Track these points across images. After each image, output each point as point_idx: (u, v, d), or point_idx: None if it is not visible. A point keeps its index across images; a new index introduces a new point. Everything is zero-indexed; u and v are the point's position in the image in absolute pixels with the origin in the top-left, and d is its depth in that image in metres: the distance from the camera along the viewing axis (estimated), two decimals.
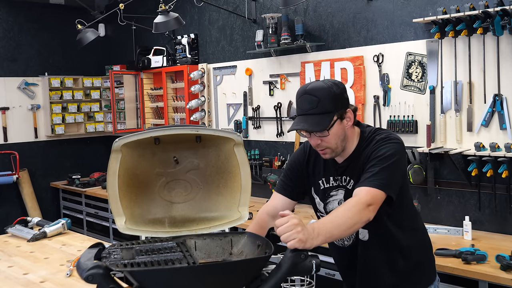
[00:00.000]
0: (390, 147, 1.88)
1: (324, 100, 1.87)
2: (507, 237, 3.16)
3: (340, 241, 2.07)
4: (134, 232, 1.82)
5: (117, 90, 6.12)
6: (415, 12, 3.55)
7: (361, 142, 1.97)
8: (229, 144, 1.85)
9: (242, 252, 1.80)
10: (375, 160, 1.86)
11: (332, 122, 1.87)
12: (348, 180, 1.98)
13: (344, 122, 1.92)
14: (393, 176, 1.86)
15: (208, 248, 1.84)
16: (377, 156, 1.87)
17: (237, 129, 4.90)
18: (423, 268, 2.08)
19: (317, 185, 2.07)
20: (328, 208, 2.04)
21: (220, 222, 1.91)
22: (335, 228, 1.68)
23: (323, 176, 2.05)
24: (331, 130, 1.88)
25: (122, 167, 1.77)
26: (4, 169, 5.90)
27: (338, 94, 1.89)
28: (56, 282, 2.35)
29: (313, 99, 1.87)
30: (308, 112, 1.88)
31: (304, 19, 4.24)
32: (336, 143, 1.92)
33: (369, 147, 1.92)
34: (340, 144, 1.93)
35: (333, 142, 1.91)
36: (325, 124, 1.87)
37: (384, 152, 1.87)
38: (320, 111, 1.87)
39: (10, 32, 6.03)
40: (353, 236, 2.01)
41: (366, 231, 1.98)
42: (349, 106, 1.94)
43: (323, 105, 1.87)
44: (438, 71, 3.43)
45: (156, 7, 4.23)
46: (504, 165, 3.06)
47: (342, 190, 2.01)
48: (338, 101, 1.89)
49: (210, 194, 1.93)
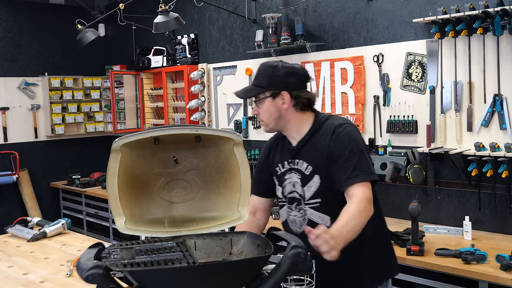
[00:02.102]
0: (352, 135, 2.01)
1: (262, 76, 2.06)
2: (507, 237, 3.16)
3: (295, 227, 2.13)
4: (134, 232, 1.82)
5: (117, 90, 6.12)
6: (415, 12, 3.55)
7: (314, 126, 2.08)
8: (228, 144, 1.85)
9: (242, 251, 1.80)
10: (347, 154, 1.97)
11: (262, 96, 2.04)
12: (301, 163, 2.07)
13: (278, 102, 2.04)
14: (368, 162, 2.00)
15: (208, 248, 1.84)
16: (347, 149, 1.98)
17: (237, 129, 4.90)
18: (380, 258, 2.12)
19: (275, 172, 2.19)
20: (285, 191, 2.14)
21: (220, 222, 1.91)
22: (350, 232, 1.81)
23: (280, 162, 2.17)
24: (262, 104, 2.05)
25: (121, 167, 1.77)
26: (4, 169, 5.89)
27: (278, 75, 2.03)
28: (56, 282, 2.35)
29: (257, 72, 2.09)
30: (252, 83, 2.11)
31: (304, 19, 4.24)
32: (268, 119, 2.07)
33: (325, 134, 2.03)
34: (272, 122, 2.07)
35: (264, 116, 2.07)
36: (251, 94, 2.09)
37: (350, 143, 1.99)
38: (256, 83, 2.08)
39: (10, 32, 6.03)
40: (304, 223, 2.08)
41: (328, 218, 2.04)
42: (287, 89, 2.03)
43: (259, 79, 2.07)
44: (438, 71, 3.43)
45: (156, 7, 4.23)
46: (504, 165, 3.06)
47: (295, 173, 2.09)
48: (275, 80, 2.03)
49: (210, 194, 1.93)
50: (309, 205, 2.07)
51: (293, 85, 2.04)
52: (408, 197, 3.61)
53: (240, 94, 2.12)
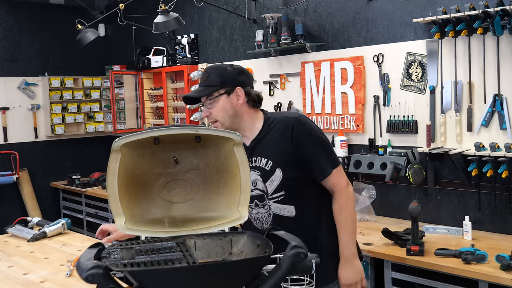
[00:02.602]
0: (312, 127, 2.13)
1: (212, 76, 2.10)
2: (507, 237, 3.16)
3: (259, 224, 2.18)
4: (134, 232, 1.82)
5: (117, 90, 6.12)
6: (415, 12, 3.55)
7: (265, 123, 2.15)
8: (228, 144, 1.85)
9: (242, 251, 1.80)
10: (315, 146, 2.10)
11: (217, 94, 2.07)
12: (260, 160, 2.12)
13: (233, 98, 2.10)
14: (332, 148, 2.19)
15: (208, 248, 1.84)
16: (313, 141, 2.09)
17: None
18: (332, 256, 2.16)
19: None
20: None
21: (220, 222, 1.91)
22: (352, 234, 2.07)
23: None
24: (217, 103, 2.09)
25: (121, 167, 1.77)
26: (4, 169, 5.90)
27: (229, 72, 2.10)
28: (56, 282, 2.35)
29: (204, 75, 2.12)
30: (200, 85, 2.13)
31: (304, 19, 4.24)
32: (223, 116, 2.10)
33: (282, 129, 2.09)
34: (228, 119, 2.11)
35: (219, 115, 2.10)
36: (206, 92, 2.09)
37: (314, 135, 2.11)
38: (208, 84, 2.10)
39: (10, 32, 6.03)
40: (270, 218, 2.14)
41: (292, 207, 2.11)
42: (241, 86, 2.10)
43: (210, 79, 2.10)
44: (438, 71, 3.43)
45: (156, 7, 4.23)
46: (504, 165, 3.06)
47: (254, 171, 2.13)
48: (225, 77, 2.09)
49: (210, 194, 1.92)
50: (273, 199, 2.13)
51: (244, 83, 2.13)
52: (408, 197, 3.61)
53: (193, 95, 2.14)
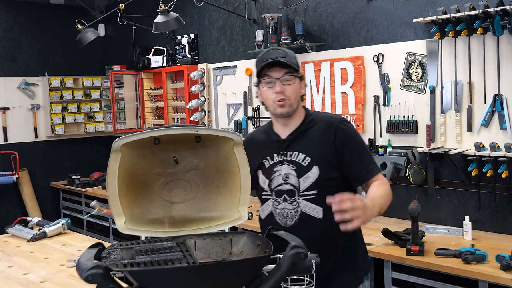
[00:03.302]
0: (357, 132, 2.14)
1: (291, 56, 2.06)
2: (507, 237, 3.16)
3: (283, 220, 2.11)
4: (134, 232, 1.82)
5: (117, 90, 6.12)
6: (415, 12, 3.55)
7: (306, 119, 2.12)
8: (228, 144, 1.85)
9: (242, 251, 1.80)
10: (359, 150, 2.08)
11: (296, 74, 2.04)
12: (296, 155, 2.08)
13: (302, 85, 2.09)
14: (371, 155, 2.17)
15: (208, 248, 1.84)
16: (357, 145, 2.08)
17: (237, 129, 4.90)
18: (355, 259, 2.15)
19: (261, 165, 2.16)
20: (272, 184, 2.12)
21: (220, 222, 1.91)
22: (384, 202, 1.94)
23: (267, 155, 2.14)
24: (294, 83, 2.05)
25: (121, 167, 1.77)
26: (4, 169, 5.89)
27: (298, 61, 2.09)
28: (56, 282, 2.35)
29: (281, 52, 2.05)
30: (278, 58, 2.02)
31: (304, 19, 4.24)
32: (295, 98, 2.06)
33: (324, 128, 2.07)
34: (295, 102, 2.07)
35: (293, 95, 2.05)
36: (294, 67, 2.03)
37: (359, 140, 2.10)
38: (290, 60, 2.03)
39: (10, 32, 6.03)
40: (296, 216, 2.07)
41: (321, 209, 2.05)
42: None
43: (291, 58, 2.04)
44: (438, 71, 3.43)
45: (156, 7, 4.23)
46: (504, 165, 3.06)
47: (288, 164, 2.08)
48: (299, 65, 2.08)
49: (210, 194, 1.93)
50: (304, 196, 2.06)
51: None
52: (408, 197, 3.61)
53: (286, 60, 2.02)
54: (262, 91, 2.10)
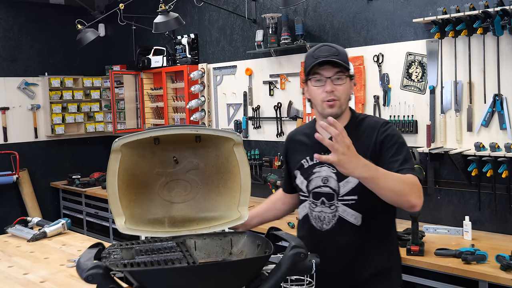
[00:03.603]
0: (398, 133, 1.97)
1: (343, 54, 1.96)
2: (507, 237, 3.16)
3: (319, 223, 2.01)
4: (134, 232, 1.82)
5: (117, 90, 6.12)
6: (415, 12, 3.55)
7: (351, 121, 2.02)
8: (228, 144, 1.85)
9: (242, 251, 1.80)
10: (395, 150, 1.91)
11: (347, 74, 1.94)
12: None
13: (352, 85, 1.99)
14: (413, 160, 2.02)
15: (208, 248, 1.84)
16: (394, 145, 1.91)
17: (237, 129, 4.90)
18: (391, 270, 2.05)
19: (299, 165, 2.08)
20: (311, 186, 2.03)
21: (220, 222, 1.91)
22: (386, 178, 1.72)
23: (307, 155, 2.06)
24: (345, 82, 1.94)
25: (122, 167, 1.77)
26: (4, 169, 5.90)
27: (348, 59, 1.99)
28: (56, 282, 2.35)
29: (333, 49, 1.95)
30: (330, 57, 1.93)
31: (304, 19, 4.24)
32: (345, 98, 1.96)
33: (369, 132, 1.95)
34: (345, 102, 1.98)
35: (343, 95, 1.95)
36: (346, 66, 1.93)
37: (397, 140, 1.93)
38: (341, 59, 1.93)
39: (10, 32, 6.03)
40: (334, 220, 1.97)
41: (360, 216, 1.94)
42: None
43: (342, 57, 1.94)
44: (438, 71, 3.43)
45: (156, 7, 4.23)
46: (504, 165, 3.06)
47: (328, 167, 1.98)
48: (349, 64, 1.98)
49: (210, 194, 1.93)
50: (343, 201, 1.95)
51: None
52: None
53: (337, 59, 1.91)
54: (311, 89, 1.99)
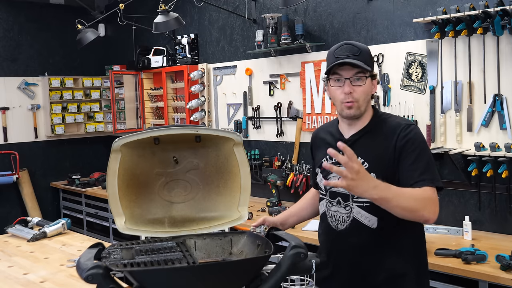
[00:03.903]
0: (421, 138, 1.90)
1: (365, 53, 1.93)
2: (507, 237, 3.16)
3: (335, 223, 1.99)
4: (134, 232, 1.82)
5: (117, 90, 6.12)
6: (415, 12, 3.55)
7: (372, 120, 1.98)
8: (228, 144, 1.85)
9: (242, 251, 1.80)
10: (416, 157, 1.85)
11: (367, 75, 1.91)
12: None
13: (373, 84, 1.97)
14: (435, 167, 1.90)
15: (208, 248, 1.84)
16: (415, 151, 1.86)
17: (237, 129, 4.90)
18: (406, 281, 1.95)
19: (320, 163, 2.05)
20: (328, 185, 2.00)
21: (220, 222, 1.91)
22: (398, 197, 1.72)
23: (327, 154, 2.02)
24: (365, 83, 1.92)
25: (122, 167, 1.78)
26: (4, 169, 5.90)
27: (372, 58, 1.97)
28: (56, 282, 2.35)
29: (354, 49, 1.91)
30: (350, 57, 1.90)
31: (304, 19, 4.24)
32: (364, 99, 1.93)
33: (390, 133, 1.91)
34: (364, 104, 1.94)
35: (362, 96, 1.92)
36: (366, 67, 1.90)
37: (419, 145, 1.87)
38: (361, 59, 1.90)
39: (10, 32, 6.03)
40: (348, 222, 1.95)
41: (375, 219, 1.90)
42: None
43: (363, 56, 1.91)
44: (438, 71, 3.43)
45: (156, 7, 4.23)
46: (504, 165, 3.06)
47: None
48: (372, 61, 1.97)
49: (210, 194, 1.93)
50: (357, 203, 1.92)
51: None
52: None
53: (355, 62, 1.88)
54: (330, 89, 1.98)
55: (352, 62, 1.88)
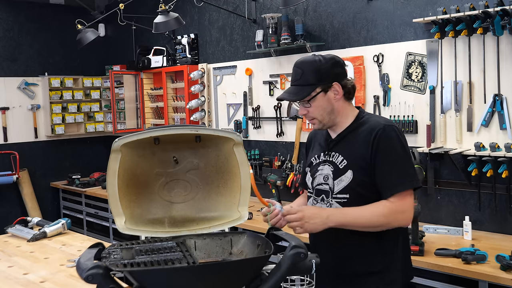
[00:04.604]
0: (399, 139, 1.96)
1: (307, 73, 1.99)
2: (507, 237, 3.16)
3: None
4: (134, 232, 1.82)
5: (117, 90, 6.12)
6: (415, 12, 3.55)
7: (356, 120, 2.06)
8: (228, 144, 1.85)
9: (242, 251, 1.80)
10: (392, 159, 1.94)
11: (314, 93, 1.98)
12: (337, 156, 2.04)
13: (330, 95, 2.01)
14: (413, 167, 2.00)
15: (208, 248, 1.84)
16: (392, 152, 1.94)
17: (237, 129, 4.90)
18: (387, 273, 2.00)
19: (310, 162, 2.17)
20: (314, 182, 2.11)
21: (220, 222, 1.91)
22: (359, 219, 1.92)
23: (316, 153, 2.14)
24: (314, 102, 2.00)
25: (122, 167, 1.77)
26: (4, 169, 5.89)
27: (324, 67, 1.99)
28: (56, 282, 2.35)
29: (298, 71, 2.01)
30: (294, 83, 2.03)
31: (304, 19, 4.24)
32: (322, 114, 2.02)
33: (368, 131, 1.98)
34: (327, 116, 2.03)
35: (317, 113, 2.02)
36: (304, 94, 1.98)
37: (396, 146, 1.95)
38: (303, 82, 1.99)
39: (10, 32, 6.03)
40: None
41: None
42: (336, 80, 2.01)
43: (306, 77, 1.99)
44: (438, 71, 3.43)
45: (156, 7, 4.23)
46: (504, 165, 3.06)
47: (329, 165, 2.05)
48: (323, 74, 1.99)
49: (210, 194, 1.93)
50: (336, 199, 2.02)
51: (340, 75, 2.03)
52: None
53: (288, 98, 2.04)
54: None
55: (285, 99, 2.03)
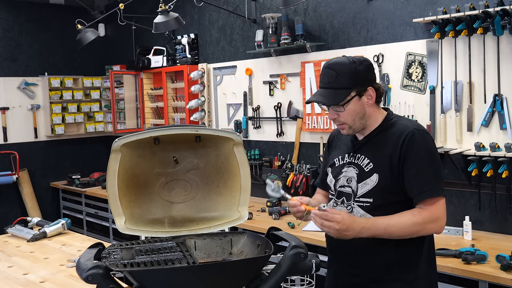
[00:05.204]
0: (429, 144, 1.91)
1: (343, 76, 1.90)
2: (507, 237, 3.16)
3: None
4: (134, 232, 1.83)
5: (117, 90, 6.12)
6: (415, 12, 3.55)
7: (384, 123, 1.98)
8: (228, 144, 1.85)
9: (242, 251, 1.80)
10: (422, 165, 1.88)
11: (349, 98, 1.90)
12: (362, 159, 1.97)
13: (364, 100, 1.93)
14: (441, 174, 1.95)
15: (208, 248, 1.85)
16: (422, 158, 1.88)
17: (237, 129, 4.90)
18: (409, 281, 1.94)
19: (332, 163, 2.09)
20: (337, 184, 2.03)
21: (220, 222, 1.91)
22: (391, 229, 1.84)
23: (340, 154, 2.07)
24: (348, 106, 1.91)
25: (122, 167, 1.78)
26: (4, 169, 5.89)
27: (359, 71, 1.91)
28: (56, 282, 2.35)
29: (332, 74, 1.92)
30: (326, 86, 1.93)
31: (304, 19, 4.24)
32: (353, 119, 1.94)
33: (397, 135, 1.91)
34: (358, 121, 1.95)
35: (349, 118, 1.93)
36: (339, 99, 1.90)
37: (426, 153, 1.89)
38: (338, 86, 1.91)
39: (10, 32, 6.03)
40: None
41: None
42: (371, 84, 1.94)
43: (340, 80, 1.90)
44: (438, 71, 3.43)
45: (156, 7, 4.23)
46: (504, 165, 3.06)
47: (353, 167, 1.98)
48: (358, 78, 1.91)
49: (210, 194, 1.93)
50: (358, 202, 1.96)
51: (374, 79, 1.98)
52: None
53: (324, 101, 1.94)
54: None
55: (318, 102, 1.96)
